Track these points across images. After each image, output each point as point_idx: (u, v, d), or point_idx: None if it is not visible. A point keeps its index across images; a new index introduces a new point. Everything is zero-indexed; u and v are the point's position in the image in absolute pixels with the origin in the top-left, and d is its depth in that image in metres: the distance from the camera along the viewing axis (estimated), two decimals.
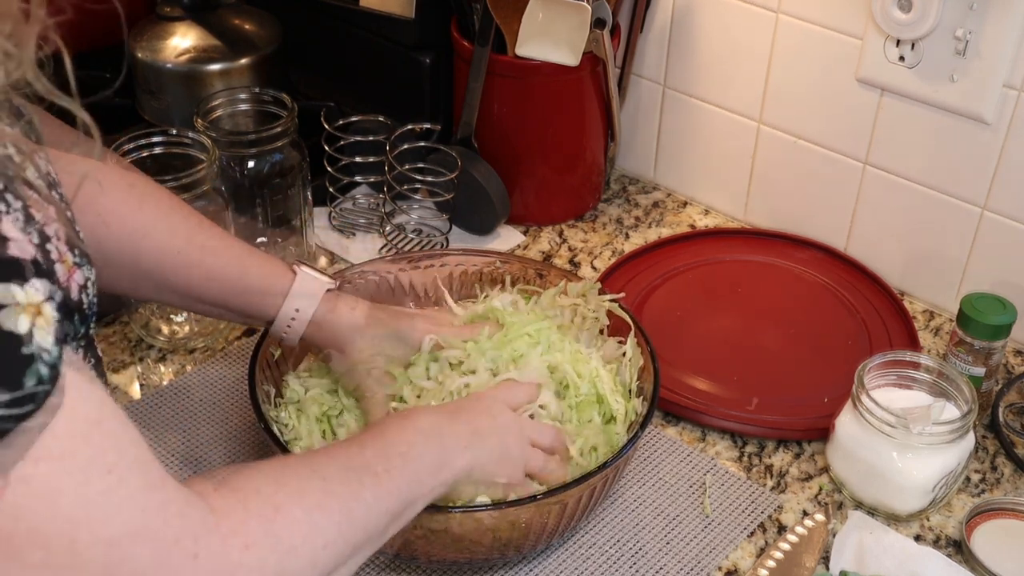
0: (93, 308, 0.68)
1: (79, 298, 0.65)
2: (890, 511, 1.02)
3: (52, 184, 0.67)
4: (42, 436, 0.55)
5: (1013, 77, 1.13)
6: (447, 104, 1.43)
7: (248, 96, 1.30)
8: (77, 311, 0.65)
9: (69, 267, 0.63)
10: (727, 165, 1.42)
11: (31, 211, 0.59)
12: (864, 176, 1.29)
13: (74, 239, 0.65)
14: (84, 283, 0.65)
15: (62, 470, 0.56)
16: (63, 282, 0.62)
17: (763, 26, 1.30)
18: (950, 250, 1.25)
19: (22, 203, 0.58)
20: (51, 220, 0.61)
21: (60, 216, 0.64)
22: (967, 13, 1.11)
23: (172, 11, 1.40)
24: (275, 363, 1.04)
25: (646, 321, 1.19)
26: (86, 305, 0.66)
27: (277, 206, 1.27)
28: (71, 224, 0.67)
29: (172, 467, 1.06)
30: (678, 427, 1.13)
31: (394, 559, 0.96)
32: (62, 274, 0.62)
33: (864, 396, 1.01)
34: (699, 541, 1.00)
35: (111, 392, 1.13)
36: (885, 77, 1.21)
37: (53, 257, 0.60)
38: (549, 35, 1.26)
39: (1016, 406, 1.15)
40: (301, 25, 1.50)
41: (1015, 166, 1.16)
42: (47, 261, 0.58)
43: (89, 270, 0.67)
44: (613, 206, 1.46)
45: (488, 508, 0.88)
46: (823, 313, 1.26)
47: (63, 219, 0.64)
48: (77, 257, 0.65)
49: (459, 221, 1.37)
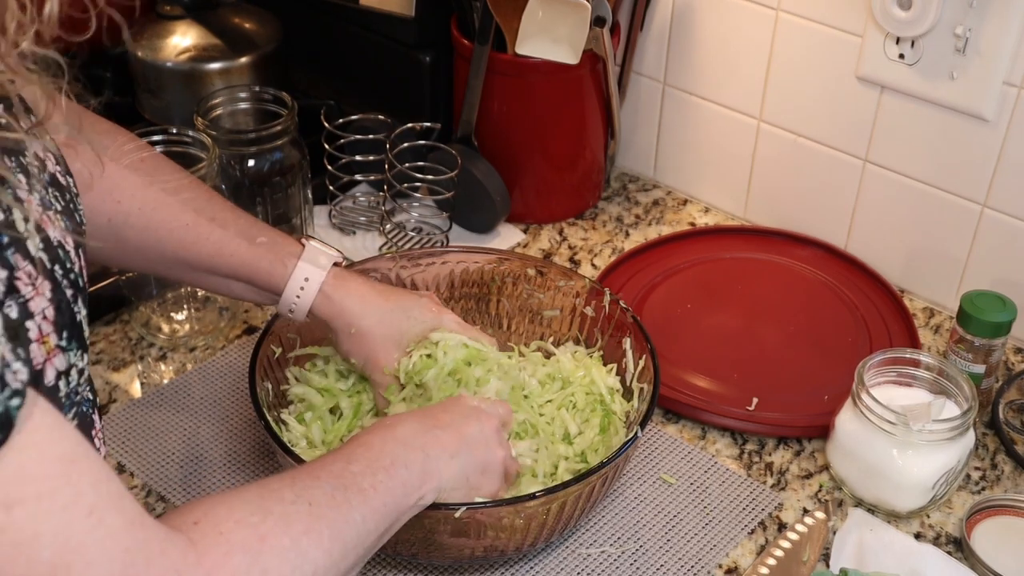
0: (74, 399, 0.66)
1: (54, 384, 0.62)
2: (890, 509, 1.02)
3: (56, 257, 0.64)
4: (17, 478, 0.53)
5: (1013, 74, 1.13)
6: (447, 102, 1.43)
7: (248, 95, 1.30)
8: (50, 398, 0.61)
9: (50, 349, 0.61)
10: (727, 163, 1.42)
11: (17, 283, 0.57)
12: (864, 174, 1.29)
13: (68, 321, 0.63)
14: (66, 369, 0.63)
15: (41, 513, 0.54)
16: (37, 364, 0.59)
17: (763, 24, 1.30)
18: (950, 248, 1.25)
19: (7, 273, 0.56)
20: (40, 296, 0.59)
21: (56, 290, 0.62)
22: (967, 11, 1.11)
23: (172, 10, 1.40)
24: (275, 362, 1.04)
25: (646, 319, 1.19)
26: (63, 393, 0.64)
27: (277, 204, 1.27)
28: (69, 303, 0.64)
29: (172, 467, 1.06)
30: (678, 425, 1.13)
31: (394, 559, 0.96)
32: (37, 354, 0.59)
33: (864, 394, 1.01)
34: (699, 539, 1.00)
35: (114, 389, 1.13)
36: (885, 75, 1.21)
37: (31, 336, 0.58)
38: (549, 33, 1.26)
39: (1016, 403, 1.15)
40: (301, 24, 1.50)
41: (1015, 163, 1.16)
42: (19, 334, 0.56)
43: (77, 356, 0.64)
44: (613, 204, 1.46)
45: (488, 506, 0.88)
46: (823, 311, 1.26)
47: (60, 299, 0.62)
48: (64, 341, 0.62)
49: (459, 219, 1.37)
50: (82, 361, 0.66)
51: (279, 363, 1.05)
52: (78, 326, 0.65)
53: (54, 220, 0.67)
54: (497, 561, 0.96)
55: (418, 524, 0.87)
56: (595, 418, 1.03)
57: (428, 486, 0.82)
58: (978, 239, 1.22)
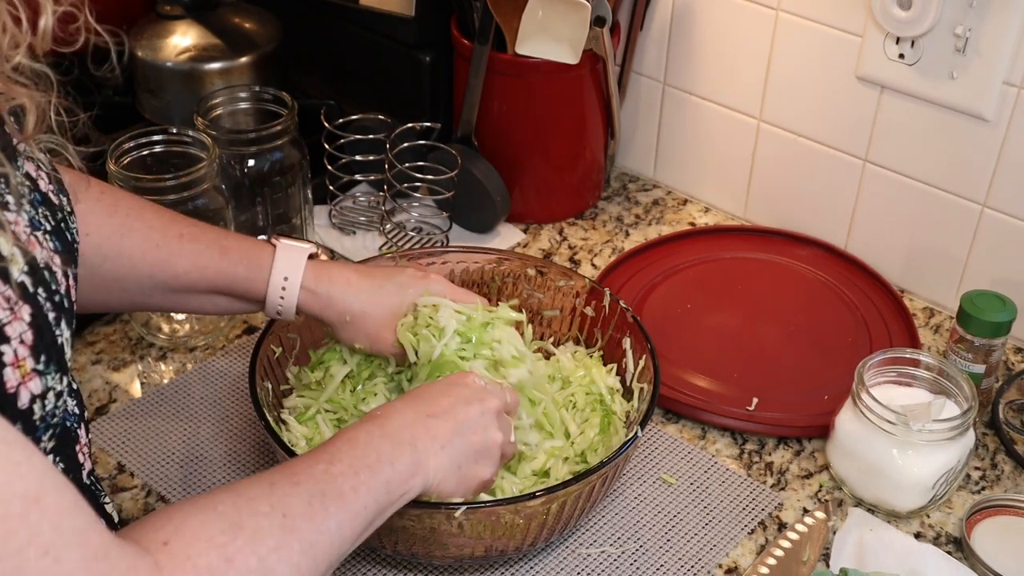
0: (51, 420, 0.66)
1: (28, 406, 0.62)
2: (890, 508, 1.02)
3: (41, 280, 0.65)
4: None
5: (1013, 74, 1.13)
6: (447, 102, 1.43)
7: (248, 95, 1.30)
8: (22, 421, 0.62)
9: (25, 373, 0.61)
10: (727, 163, 1.42)
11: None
12: (864, 173, 1.29)
13: (48, 345, 0.63)
14: (42, 392, 0.63)
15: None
16: (10, 387, 0.60)
17: (763, 23, 1.30)
18: (950, 247, 1.25)
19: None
20: (18, 320, 0.60)
21: (35, 317, 0.62)
22: (967, 10, 1.11)
23: (172, 10, 1.40)
24: (275, 362, 1.04)
25: (646, 319, 1.19)
26: (37, 416, 0.64)
27: (277, 204, 1.27)
28: (51, 327, 0.64)
29: (172, 467, 1.06)
30: (678, 425, 1.13)
31: (394, 559, 0.96)
32: (12, 379, 0.59)
33: (864, 393, 1.01)
34: (700, 539, 1.00)
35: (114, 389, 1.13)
36: (885, 74, 1.21)
37: (5, 360, 0.59)
38: (549, 33, 1.26)
39: (1016, 403, 1.15)
40: (301, 23, 1.50)
41: (1015, 163, 1.16)
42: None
43: (55, 379, 0.64)
44: (613, 204, 1.46)
45: (487, 505, 0.88)
46: (823, 311, 1.26)
47: (42, 323, 0.62)
48: (42, 365, 0.63)
49: (459, 219, 1.37)
50: (61, 384, 0.66)
51: (279, 363, 1.05)
52: (59, 349, 0.65)
53: (43, 241, 0.68)
54: (497, 561, 0.96)
55: (418, 524, 0.87)
56: (595, 418, 1.03)
57: (414, 481, 0.81)
58: (978, 239, 1.22)
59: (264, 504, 0.70)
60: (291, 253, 0.98)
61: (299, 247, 0.98)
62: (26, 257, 0.63)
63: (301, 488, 0.73)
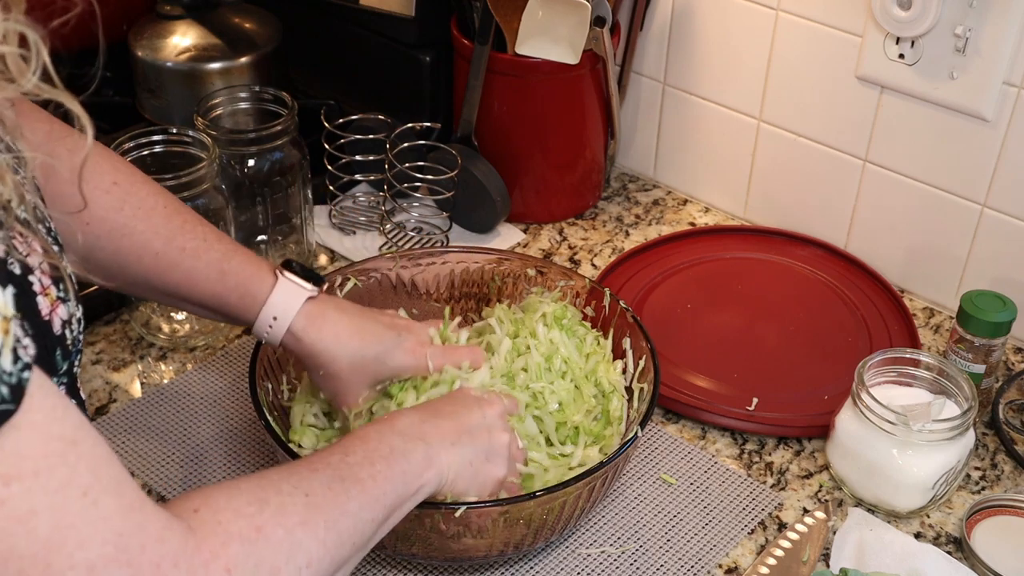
0: (78, 344, 0.67)
1: (61, 333, 0.64)
2: (890, 508, 1.02)
3: (40, 219, 0.66)
4: (16, 455, 0.54)
5: (1013, 74, 1.13)
6: (447, 102, 1.43)
7: (248, 94, 1.30)
8: (59, 346, 0.64)
9: (52, 301, 0.62)
10: (727, 163, 1.42)
11: (14, 242, 0.58)
12: (864, 173, 1.29)
13: (62, 274, 0.65)
14: (68, 319, 0.65)
15: (37, 489, 0.55)
16: (44, 315, 0.61)
17: (763, 24, 1.30)
18: (950, 247, 1.25)
19: (4, 233, 0.58)
20: (34, 253, 0.61)
21: (46, 250, 0.63)
22: (967, 11, 1.11)
23: (172, 10, 1.40)
24: (275, 362, 1.04)
25: (646, 319, 1.19)
26: (69, 341, 0.65)
27: (277, 204, 1.27)
28: (58, 257, 0.66)
29: (172, 467, 1.06)
30: (678, 425, 1.13)
31: (394, 558, 0.96)
32: (44, 307, 0.61)
33: (864, 393, 1.01)
34: (700, 539, 1.00)
35: (114, 389, 1.13)
36: (885, 74, 1.21)
37: (35, 289, 0.60)
38: (549, 33, 1.26)
39: (1016, 403, 1.15)
40: (301, 23, 1.50)
41: (1015, 163, 1.16)
42: (25, 290, 0.57)
43: (75, 306, 0.66)
44: (613, 204, 1.46)
45: (488, 505, 0.88)
46: (823, 310, 1.26)
47: (50, 253, 0.64)
48: (61, 292, 0.64)
49: (459, 219, 1.37)
50: (78, 311, 0.67)
51: (279, 363, 1.05)
52: (69, 278, 0.67)
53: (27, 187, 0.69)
54: (497, 561, 0.96)
55: (418, 524, 0.87)
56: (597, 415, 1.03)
57: (429, 473, 0.82)
58: (978, 239, 1.22)
59: (286, 485, 0.72)
60: (288, 294, 0.95)
61: (299, 288, 0.95)
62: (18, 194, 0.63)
63: (320, 474, 0.74)
